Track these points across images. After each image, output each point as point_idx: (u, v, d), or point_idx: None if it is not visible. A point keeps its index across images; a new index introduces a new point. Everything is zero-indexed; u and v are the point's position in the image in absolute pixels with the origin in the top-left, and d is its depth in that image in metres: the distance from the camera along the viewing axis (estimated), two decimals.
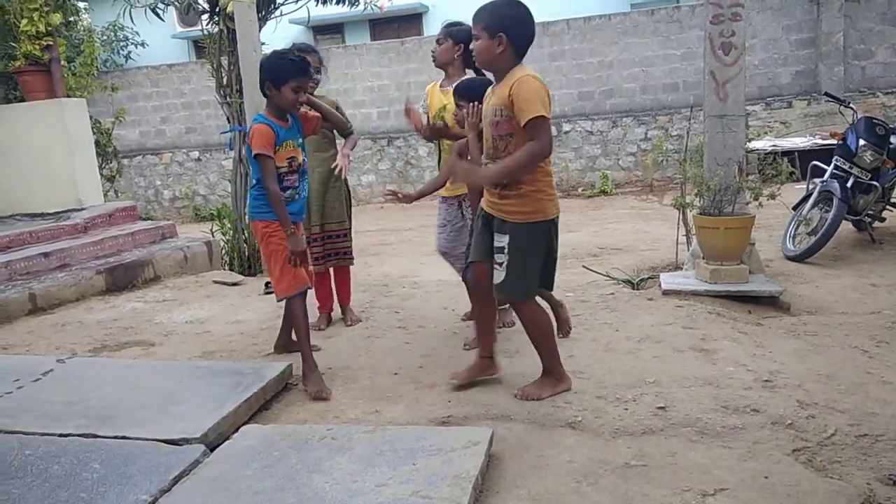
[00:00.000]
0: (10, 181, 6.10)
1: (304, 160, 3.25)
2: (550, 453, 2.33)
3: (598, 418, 2.57)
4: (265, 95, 3.12)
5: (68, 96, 6.39)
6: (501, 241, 2.72)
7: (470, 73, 3.52)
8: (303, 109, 3.33)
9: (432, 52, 3.64)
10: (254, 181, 3.18)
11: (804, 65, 10.61)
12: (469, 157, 3.00)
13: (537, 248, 2.73)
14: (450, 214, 3.70)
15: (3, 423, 2.60)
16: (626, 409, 2.63)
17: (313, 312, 3.96)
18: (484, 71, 2.96)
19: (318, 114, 3.41)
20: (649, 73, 11.21)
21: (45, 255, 4.99)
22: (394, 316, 4.07)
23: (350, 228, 3.99)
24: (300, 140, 3.23)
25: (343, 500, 2.02)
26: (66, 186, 6.08)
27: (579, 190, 11.17)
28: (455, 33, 3.52)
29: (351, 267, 4.08)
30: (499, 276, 2.74)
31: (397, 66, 12.04)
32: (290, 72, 3.03)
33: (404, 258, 6.68)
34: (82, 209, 6.02)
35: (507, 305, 3.48)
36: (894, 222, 5.89)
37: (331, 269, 3.98)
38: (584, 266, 5.20)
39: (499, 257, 2.73)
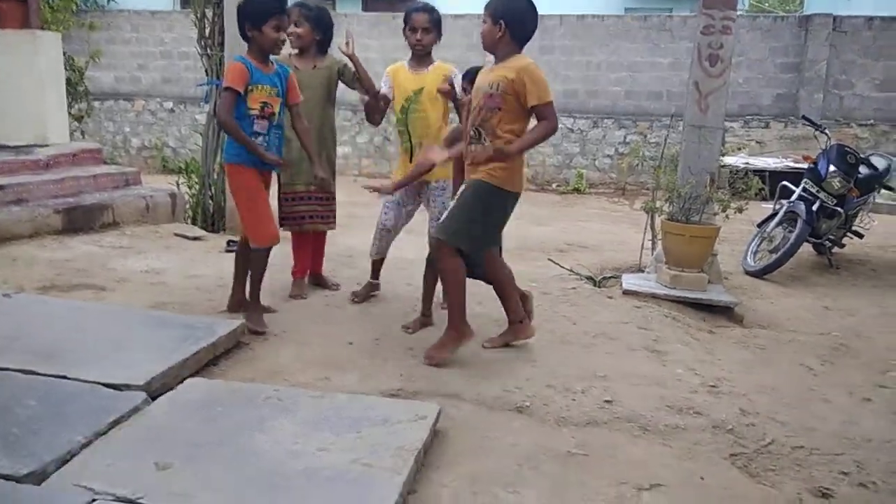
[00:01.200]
0: None
1: (279, 114, 3.20)
2: (495, 435, 2.34)
3: (545, 406, 2.59)
4: (245, 39, 3.11)
5: (43, 29, 6.16)
6: (459, 192, 2.97)
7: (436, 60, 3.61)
8: (294, 79, 3.30)
9: (418, 40, 3.52)
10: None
11: (786, 88, 10.78)
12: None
13: (487, 209, 2.88)
14: (408, 196, 3.71)
15: None
16: (574, 399, 2.66)
17: (287, 277, 3.90)
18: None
19: (299, 95, 3.34)
20: (635, 78, 11.27)
21: (2, 187, 4.81)
22: (355, 288, 4.04)
23: (334, 193, 3.89)
24: (280, 92, 3.19)
25: (283, 461, 2.00)
26: (32, 120, 5.86)
27: (554, 185, 11.21)
28: (438, 22, 3.56)
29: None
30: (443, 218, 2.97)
31: (386, 40, 11.86)
32: (269, 10, 3.04)
33: (371, 232, 6.62)
34: (46, 146, 5.81)
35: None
36: (853, 250, 6.05)
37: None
38: (549, 259, 5.22)
39: (451, 204, 2.97)
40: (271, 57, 3.22)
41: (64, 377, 2.39)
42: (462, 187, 2.99)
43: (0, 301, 3.14)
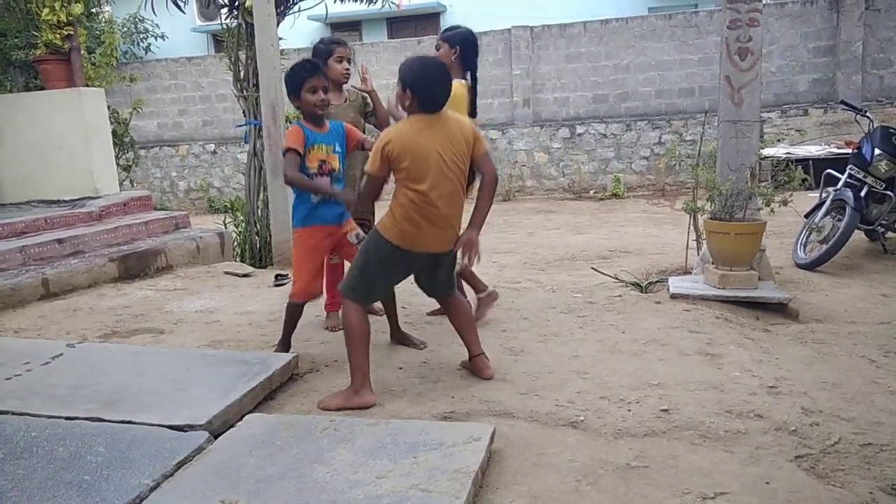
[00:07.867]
0: (27, 168, 6.17)
1: (339, 168, 3.33)
2: (552, 451, 2.33)
3: (600, 418, 2.57)
4: (297, 108, 3.28)
5: (87, 86, 6.45)
6: None
7: (460, 77, 3.64)
8: (349, 124, 3.45)
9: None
10: (294, 192, 3.33)
11: (822, 73, 10.53)
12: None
13: (375, 257, 2.85)
14: None
15: (11, 404, 2.63)
16: (629, 410, 2.63)
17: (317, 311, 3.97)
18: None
19: (360, 134, 3.49)
20: (665, 77, 11.17)
21: (60, 241, 5.04)
22: (400, 311, 4.06)
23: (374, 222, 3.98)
24: (338, 148, 3.33)
25: (343, 490, 2.03)
26: (83, 174, 6.14)
27: (591, 192, 11.14)
28: (450, 37, 3.68)
29: None
30: None
31: None
32: (300, 77, 3.21)
33: None
34: (98, 197, 6.08)
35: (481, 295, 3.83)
36: None
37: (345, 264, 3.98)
38: (592, 268, 5.19)
39: None
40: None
41: (130, 422, 2.48)
42: None
43: (65, 351, 3.28)
